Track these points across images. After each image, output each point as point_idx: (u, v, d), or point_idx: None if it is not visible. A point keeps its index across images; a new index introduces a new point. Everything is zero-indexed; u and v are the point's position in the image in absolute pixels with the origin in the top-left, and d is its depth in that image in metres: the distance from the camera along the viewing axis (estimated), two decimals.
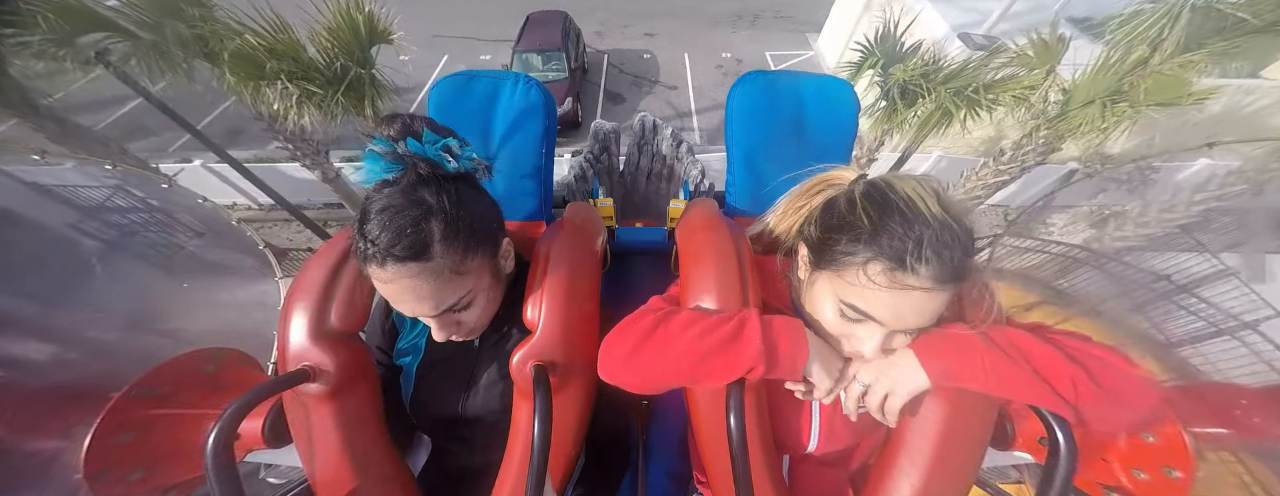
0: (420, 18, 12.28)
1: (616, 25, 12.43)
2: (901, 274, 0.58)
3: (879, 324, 0.63)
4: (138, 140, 7.92)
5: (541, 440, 0.64)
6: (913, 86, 4.54)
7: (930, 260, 0.57)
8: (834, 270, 0.65)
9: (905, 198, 0.60)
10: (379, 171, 0.68)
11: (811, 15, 12.16)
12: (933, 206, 0.59)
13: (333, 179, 5.74)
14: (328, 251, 0.81)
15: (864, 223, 0.61)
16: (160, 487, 0.80)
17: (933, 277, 0.58)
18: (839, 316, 0.67)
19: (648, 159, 2.20)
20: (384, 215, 0.64)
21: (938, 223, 0.58)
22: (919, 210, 0.59)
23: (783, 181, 1.12)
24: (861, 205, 0.63)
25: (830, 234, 0.66)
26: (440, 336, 0.74)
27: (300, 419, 0.78)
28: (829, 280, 0.66)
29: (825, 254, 0.66)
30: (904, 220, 0.59)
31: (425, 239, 0.64)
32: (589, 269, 0.86)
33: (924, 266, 0.57)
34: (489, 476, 0.80)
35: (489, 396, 0.90)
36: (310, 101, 4.00)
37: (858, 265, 0.61)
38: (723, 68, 11.07)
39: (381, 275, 0.65)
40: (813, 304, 0.71)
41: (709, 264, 0.77)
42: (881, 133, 5.24)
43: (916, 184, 0.62)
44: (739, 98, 1.12)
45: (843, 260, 0.63)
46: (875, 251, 0.60)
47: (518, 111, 1.07)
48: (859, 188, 0.66)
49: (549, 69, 9.10)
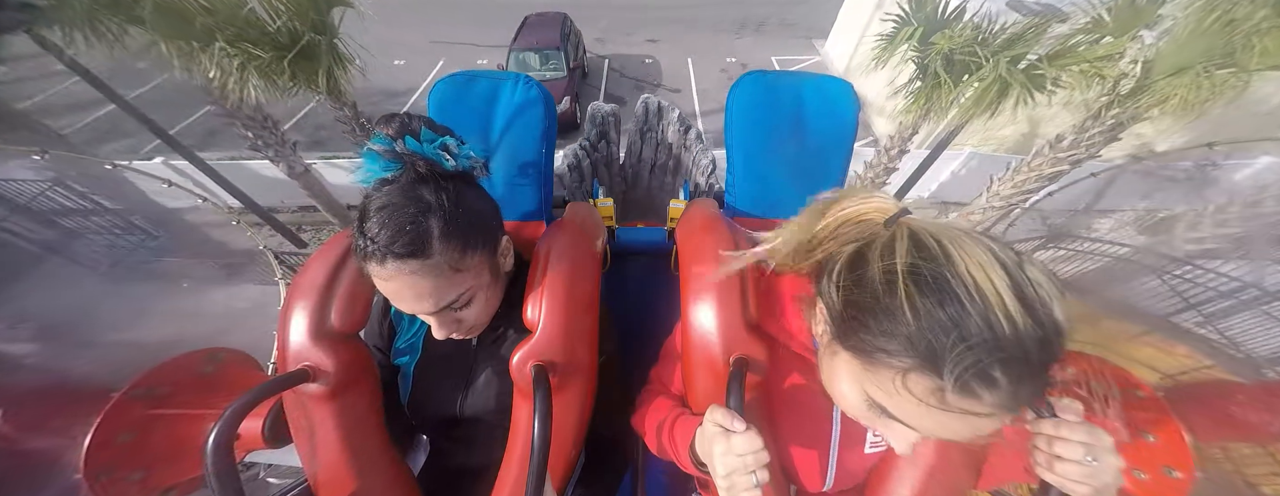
0: (420, 25, 12.37)
1: (619, 32, 12.47)
2: (956, 397, 0.42)
3: (904, 426, 0.51)
4: (112, 142, 7.82)
5: (541, 440, 0.64)
6: (961, 57, 3.61)
7: (1000, 384, 0.41)
8: (862, 360, 0.50)
9: (970, 283, 0.42)
10: (378, 170, 0.68)
11: (816, 22, 12.17)
12: (1010, 302, 0.41)
13: (301, 174, 5.08)
14: (328, 251, 0.81)
15: (906, 315, 0.44)
16: (160, 487, 0.80)
17: (999, 405, 0.42)
18: (864, 407, 0.53)
19: (651, 148, 1.90)
20: (383, 213, 0.65)
21: (1016, 328, 0.41)
22: (992, 306, 0.41)
23: (783, 181, 1.13)
24: (905, 288, 0.44)
25: (858, 313, 0.49)
26: (440, 334, 0.74)
27: (300, 419, 0.78)
28: (853, 366, 0.52)
29: (850, 334, 0.50)
30: (967, 319, 0.41)
31: (424, 236, 0.65)
32: (589, 269, 0.86)
33: (990, 391, 0.41)
34: (488, 476, 0.80)
35: (486, 396, 0.90)
36: (253, 68, 3.43)
37: (896, 370, 0.46)
38: (727, 72, 11.03)
39: (381, 272, 0.65)
40: (830, 378, 0.57)
41: (709, 264, 0.77)
42: (918, 117, 4.36)
43: (986, 255, 0.44)
44: (739, 98, 1.12)
45: (876, 355, 0.47)
46: (921, 362, 0.43)
47: (517, 111, 1.07)
48: (902, 255, 0.46)
49: (547, 68, 8.89)
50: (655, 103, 1.82)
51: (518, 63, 8.95)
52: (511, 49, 9.07)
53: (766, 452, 0.57)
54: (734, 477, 0.57)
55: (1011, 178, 4.66)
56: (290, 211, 6.90)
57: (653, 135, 1.86)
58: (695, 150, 1.81)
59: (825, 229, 0.59)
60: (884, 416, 0.51)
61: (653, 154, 1.91)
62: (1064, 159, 4.21)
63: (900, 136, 4.85)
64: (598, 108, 1.86)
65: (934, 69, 3.77)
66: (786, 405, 0.77)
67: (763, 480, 0.56)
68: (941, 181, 7.08)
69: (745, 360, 0.69)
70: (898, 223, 0.52)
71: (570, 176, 1.79)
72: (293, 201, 6.77)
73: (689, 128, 1.83)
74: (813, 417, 0.77)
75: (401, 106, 9.44)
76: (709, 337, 0.73)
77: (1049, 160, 4.31)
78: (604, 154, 1.89)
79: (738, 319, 0.72)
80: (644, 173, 1.98)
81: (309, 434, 0.78)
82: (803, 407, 0.77)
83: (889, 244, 0.49)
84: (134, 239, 4.86)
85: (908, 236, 0.48)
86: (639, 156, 1.94)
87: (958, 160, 6.70)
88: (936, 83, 3.82)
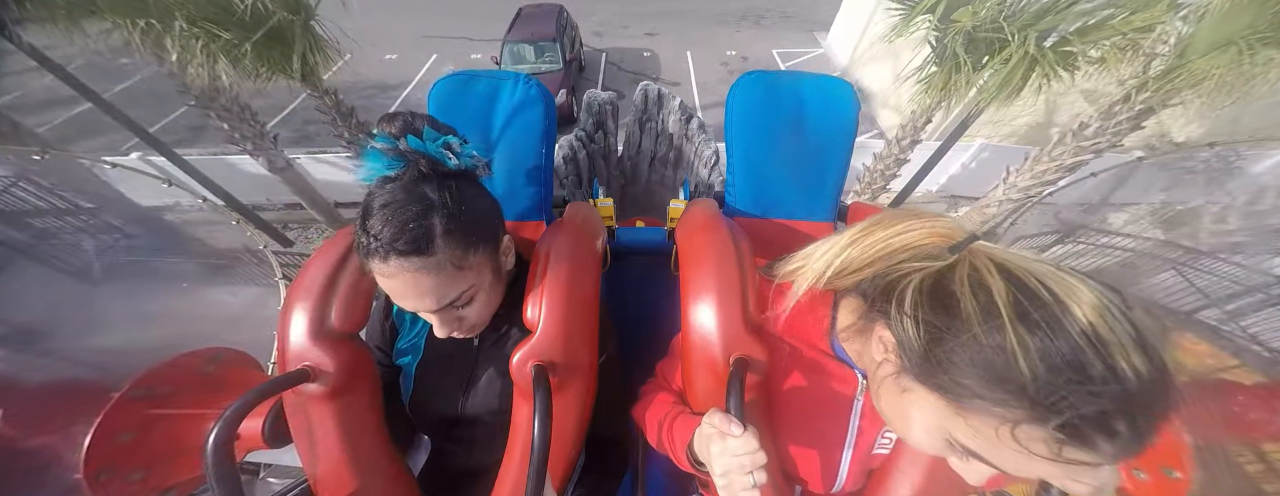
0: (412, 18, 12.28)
1: (616, 25, 12.41)
2: (1073, 449, 0.40)
3: (1003, 472, 0.48)
4: (89, 139, 7.66)
5: (541, 440, 0.64)
6: (985, 34, 3.31)
7: (1121, 435, 0.38)
8: (951, 404, 0.46)
9: (1087, 327, 0.39)
10: (380, 168, 0.69)
11: (817, 14, 12.10)
12: (1131, 348, 0.39)
13: (282, 169, 4.83)
14: (328, 251, 0.81)
15: (1019, 362, 0.40)
16: (160, 487, 0.80)
17: (1115, 457, 0.40)
18: (943, 446, 0.50)
19: (651, 139, 1.79)
20: (386, 210, 0.65)
21: (1140, 375, 0.38)
22: (1113, 353, 0.39)
23: (783, 181, 1.13)
24: (1016, 331, 0.41)
25: (950, 353, 0.45)
26: (442, 333, 0.74)
27: (300, 419, 0.78)
28: (936, 406, 0.48)
29: (935, 375, 0.47)
30: (1091, 368, 0.39)
31: (428, 233, 0.65)
32: (589, 269, 0.86)
33: (1110, 443, 0.39)
34: (489, 476, 0.80)
35: (488, 396, 0.90)
36: (218, 49, 3.19)
37: (1001, 419, 0.42)
38: (728, 65, 10.96)
39: (384, 270, 0.65)
40: (897, 412, 0.54)
41: (709, 265, 0.77)
42: (933, 104, 4.08)
43: (1094, 296, 0.41)
44: (739, 98, 1.12)
45: (973, 401, 0.44)
46: (1038, 415, 0.40)
47: (517, 111, 1.07)
48: (1001, 292, 0.43)
49: (542, 61, 8.59)
50: (655, 90, 1.72)
51: (512, 55, 8.66)
52: (505, 41, 8.78)
53: (763, 454, 0.57)
54: (731, 477, 0.58)
55: (1030, 168, 4.31)
56: (276, 209, 6.72)
57: (652, 125, 1.75)
58: (697, 141, 1.70)
59: (874, 251, 0.56)
60: (968, 457, 0.48)
61: (652, 145, 1.80)
62: (1088, 147, 3.87)
63: (912, 125, 4.55)
64: (594, 95, 1.75)
65: (953, 49, 3.47)
66: (797, 406, 0.77)
67: (759, 481, 0.56)
68: (951, 175, 6.82)
69: (745, 360, 0.69)
70: (971, 251, 0.49)
71: (566, 169, 1.70)
72: (278, 199, 6.58)
73: (691, 116, 1.72)
74: (828, 422, 0.76)
75: (393, 101, 9.38)
76: (709, 337, 0.73)
77: (1071, 149, 3.96)
78: (601, 145, 1.77)
79: (738, 319, 0.72)
80: (643, 166, 1.87)
81: (309, 434, 0.78)
82: (815, 409, 0.76)
83: (978, 277, 0.45)
84: (108, 238, 4.57)
85: (996, 271, 0.45)
86: (638, 148, 1.83)
87: (968, 152, 6.39)
88: (955, 64, 3.52)
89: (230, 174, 5.70)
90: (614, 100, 1.78)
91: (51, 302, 3.45)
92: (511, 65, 8.52)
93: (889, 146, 4.99)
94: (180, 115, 8.20)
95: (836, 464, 0.78)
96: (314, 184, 5.67)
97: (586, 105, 1.74)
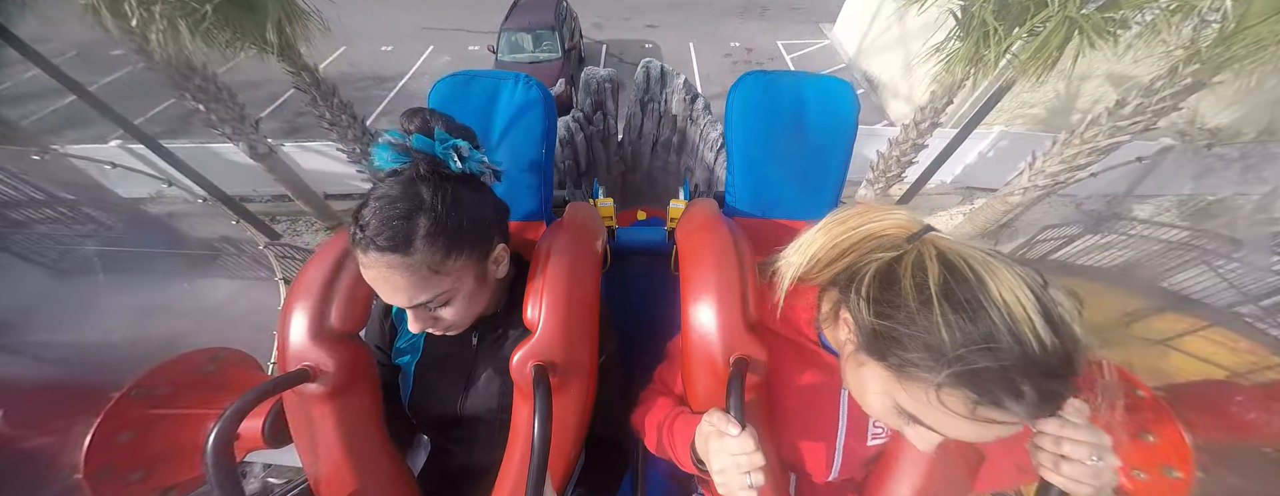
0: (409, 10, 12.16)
1: (617, 17, 12.29)
2: (986, 409, 0.46)
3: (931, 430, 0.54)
4: (74, 130, 7.38)
5: (541, 440, 0.64)
6: None
7: (1027, 396, 0.45)
8: (893, 373, 0.53)
9: (1001, 304, 0.46)
10: (387, 160, 0.70)
11: (823, 4, 11.92)
12: (1037, 322, 0.45)
13: (265, 155, 4.54)
14: (328, 251, 0.81)
15: (941, 333, 0.47)
16: (160, 487, 0.80)
17: (1027, 414, 0.46)
18: (893, 414, 0.56)
19: (653, 122, 1.68)
20: (378, 204, 0.66)
21: (1043, 345, 0.44)
22: (1020, 325, 0.45)
23: (783, 181, 1.12)
24: (940, 307, 0.48)
25: (892, 327, 0.51)
26: (415, 327, 0.75)
27: (300, 419, 0.78)
28: (882, 376, 0.55)
29: (881, 348, 0.53)
30: (999, 336, 0.45)
31: (408, 233, 0.65)
32: (589, 269, 0.86)
33: (1018, 404, 0.45)
34: (489, 476, 0.80)
35: (487, 396, 0.90)
36: (180, 17, 2.95)
37: (929, 384, 0.49)
38: (732, 56, 10.78)
39: (364, 260, 0.66)
40: (857, 385, 0.60)
41: (709, 265, 0.77)
42: (958, 80, 3.82)
43: (1014, 278, 0.47)
44: (739, 98, 1.11)
45: (908, 369, 0.50)
46: (955, 379, 0.47)
47: (518, 111, 1.07)
48: (934, 275, 0.50)
49: (540, 50, 8.21)
50: (657, 67, 1.63)
51: (509, 44, 8.26)
52: (502, 29, 8.36)
53: (761, 455, 0.58)
54: (727, 476, 0.59)
55: (1059, 152, 4.05)
56: (264, 201, 6.46)
57: (655, 106, 1.64)
58: (702, 123, 1.61)
59: (847, 241, 0.61)
60: (912, 423, 0.55)
61: (655, 129, 1.70)
62: (1125, 128, 3.61)
63: (932, 108, 4.24)
64: (593, 73, 1.64)
65: (981, 17, 3.30)
66: (792, 398, 0.78)
67: (756, 483, 0.57)
68: (967, 164, 6.40)
69: (745, 360, 0.69)
70: (923, 240, 0.55)
71: (563, 152, 1.62)
72: (266, 190, 6.28)
73: (696, 96, 1.63)
74: (820, 410, 0.78)
75: (389, 92, 9.23)
76: (709, 337, 0.73)
77: (1106, 130, 3.68)
78: (600, 128, 1.67)
79: (738, 319, 0.72)
80: (645, 151, 1.77)
81: (309, 434, 0.78)
82: (809, 400, 0.78)
83: (919, 262, 0.52)
84: (85, 229, 4.34)
85: (936, 257, 0.51)
86: (639, 132, 1.73)
87: (986, 140, 6.06)
88: (984, 34, 3.31)
89: (215, 163, 5.43)
90: (614, 77, 1.68)
91: (22, 295, 3.38)
92: (508, 54, 8.20)
93: (906, 131, 4.67)
94: (168, 107, 8.02)
95: (831, 452, 0.79)
96: (302, 174, 5.49)
97: (584, 84, 1.64)
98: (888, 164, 4.95)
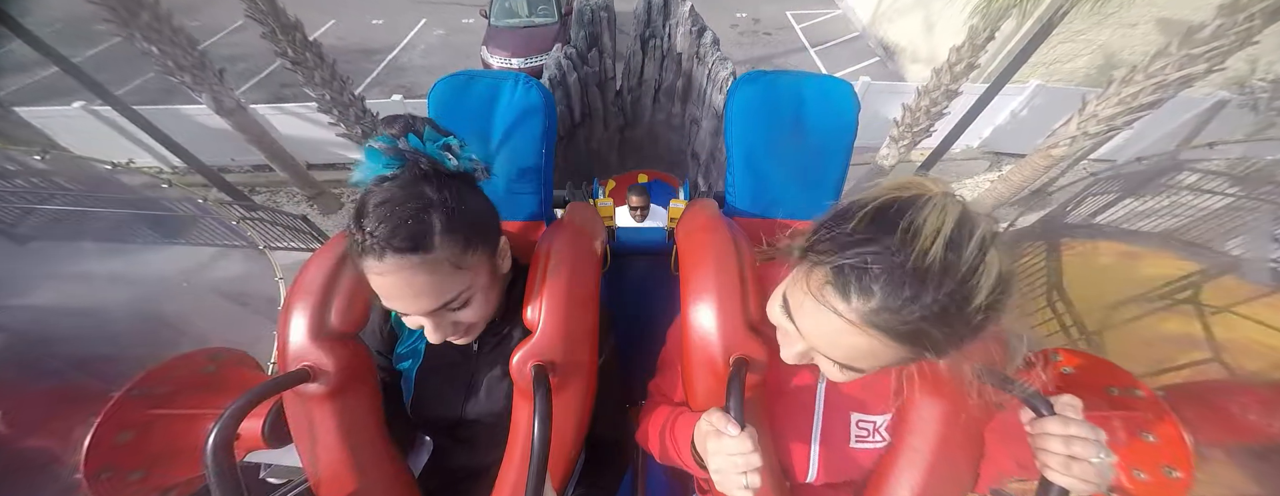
0: None
1: None
2: (831, 292, 0.49)
3: (797, 333, 0.57)
4: (51, 101, 6.90)
5: (541, 440, 0.64)
6: None
7: (873, 295, 0.46)
8: (803, 265, 0.56)
9: (917, 219, 0.46)
10: (378, 167, 0.68)
11: None
12: (935, 242, 0.44)
13: (232, 111, 4.23)
14: (328, 251, 0.81)
15: (849, 224, 0.50)
16: (160, 487, 0.80)
17: (859, 314, 0.47)
18: (780, 312, 0.60)
19: (655, 63, 1.54)
20: (384, 208, 0.64)
21: (923, 261, 0.44)
22: (916, 237, 0.45)
23: (783, 182, 1.13)
24: (872, 211, 0.50)
25: (822, 238, 0.54)
26: (435, 338, 0.73)
27: (300, 419, 0.78)
28: (794, 274, 0.58)
29: (808, 250, 0.56)
30: (888, 238, 0.46)
31: (426, 230, 0.64)
32: (589, 269, 0.86)
33: (858, 298, 0.46)
34: (490, 476, 0.80)
35: (491, 399, 0.90)
36: None
37: (810, 263, 0.53)
38: (738, 27, 10.44)
39: (378, 267, 0.64)
40: (771, 300, 0.64)
41: (709, 265, 0.77)
42: (992, 28, 3.50)
43: (955, 209, 0.46)
44: (739, 98, 1.12)
45: (810, 255, 0.54)
46: (831, 259, 0.49)
47: (517, 112, 1.07)
48: (885, 193, 0.52)
49: (536, 14, 7.87)
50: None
51: (502, 8, 7.87)
52: None
53: (758, 455, 0.58)
54: (725, 475, 0.59)
55: (1118, 92, 3.65)
56: (243, 171, 6.18)
57: (657, 43, 1.47)
58: (710, 60, 1.45)
59: None
60: (785, 315, 0.58)
61: (657, 72, 1.54)
62: (1201, 56, 3.29)
63: (970, 44, 3.72)
64: (586, 2, 1.45)
65: None
66: (778, 397, 0.79)
67: (753, 483, 0.57)
68: (996, 126, 5.94)
69: (745, 360, 0.69)
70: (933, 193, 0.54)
71: (555, 94, 1.42)
72: (245, 160, 5.96)
73: (703, 28, 1.46)
74: (798, 410, 0.78)
75: (377, 65, 9.13)
76: (709, 337, 0.73)
77: (1177, 60, 3.34)
78: (596, 68, 1.50)
79: (738, 319, 0.72)
80: (646, 100, 1.62)
81: (309, 434, 0.78)
82: (789, 400, 0.78)
83: (884, 198, 0.52)
84: (46, 193, 4.00)
85: (911, 191, 0.51)
86: (640, 76, 1.57)
87: (1020, 97, 5.54)
88: None
89: (188, 128, 4.96)
90: (610, 5, 1.48)
91: None
92: (502, 19, 7.81)
93: (938, 75, 4.25)
94: (149, 80, 7.91)
95: (805, 457, 0.79)
96: (279, 139, 5.13)
97: (577, 15, 1.47)
98: (916, 117, 4.53)
